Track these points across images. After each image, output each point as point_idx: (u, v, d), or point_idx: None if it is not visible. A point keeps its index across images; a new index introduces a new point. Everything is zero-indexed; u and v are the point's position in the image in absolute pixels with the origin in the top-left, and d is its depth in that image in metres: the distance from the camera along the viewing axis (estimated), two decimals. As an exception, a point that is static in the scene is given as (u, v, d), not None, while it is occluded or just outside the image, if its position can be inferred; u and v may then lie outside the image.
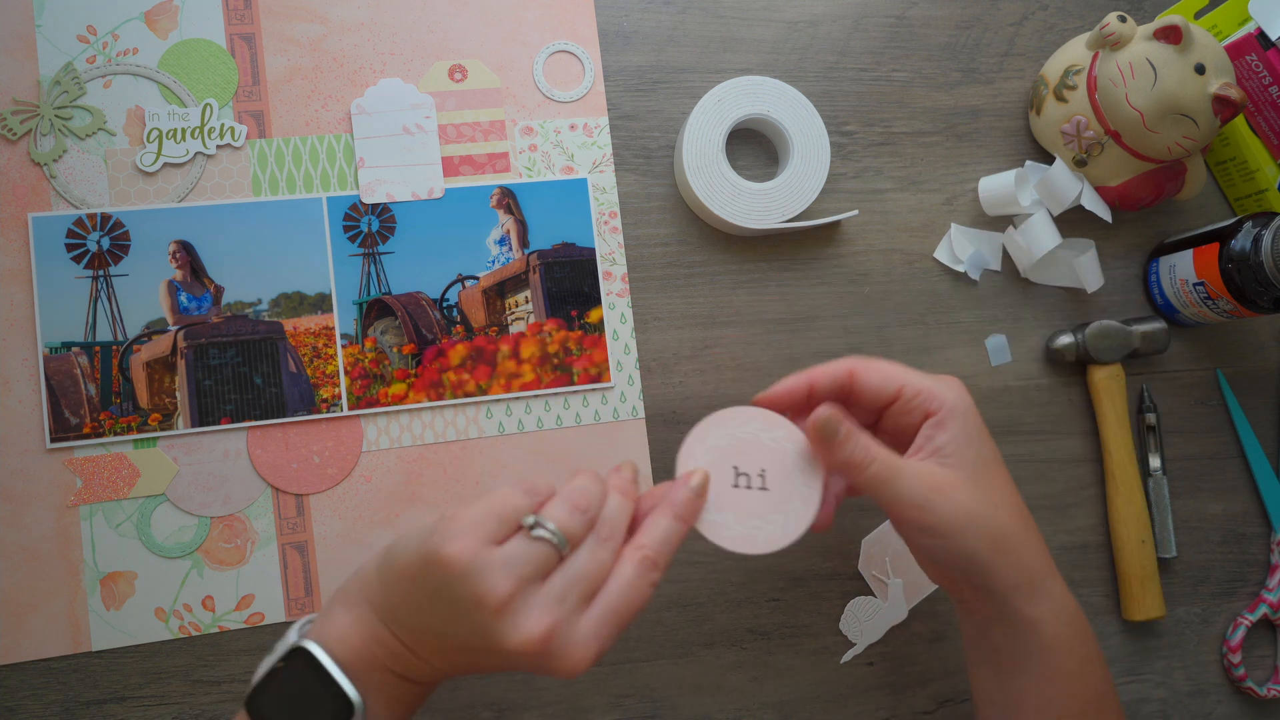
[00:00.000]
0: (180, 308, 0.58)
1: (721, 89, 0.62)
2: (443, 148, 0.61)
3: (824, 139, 0.63)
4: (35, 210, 0.57)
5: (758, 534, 0.49)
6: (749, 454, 0.50)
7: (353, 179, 0.60)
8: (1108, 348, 0.65)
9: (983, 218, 0.67)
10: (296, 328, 0.59)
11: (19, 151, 0.57)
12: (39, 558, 0.55)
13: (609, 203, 0.63)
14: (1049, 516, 0.66)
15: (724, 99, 0.62)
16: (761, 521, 0.49)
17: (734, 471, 0.50)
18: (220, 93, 0.59)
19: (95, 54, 0.58)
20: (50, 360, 0.56)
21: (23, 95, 0.57)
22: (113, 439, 0.56)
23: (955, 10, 0.68)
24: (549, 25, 0.63)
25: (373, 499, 0.59)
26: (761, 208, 0.62)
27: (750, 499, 0.49)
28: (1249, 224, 0.61)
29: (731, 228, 0.63)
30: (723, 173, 0.61)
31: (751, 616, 0.62)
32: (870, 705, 0.63)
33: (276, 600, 0.57)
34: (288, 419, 0.58)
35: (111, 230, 0.58)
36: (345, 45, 0.61)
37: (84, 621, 0.56)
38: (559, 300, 0.62)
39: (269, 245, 0.59)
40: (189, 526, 0.57)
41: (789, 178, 0.62)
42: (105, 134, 0.58)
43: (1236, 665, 0.66)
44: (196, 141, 0.59)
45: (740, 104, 0.62)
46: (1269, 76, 0.62)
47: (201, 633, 0.57)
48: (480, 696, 0.59)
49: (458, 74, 0.62)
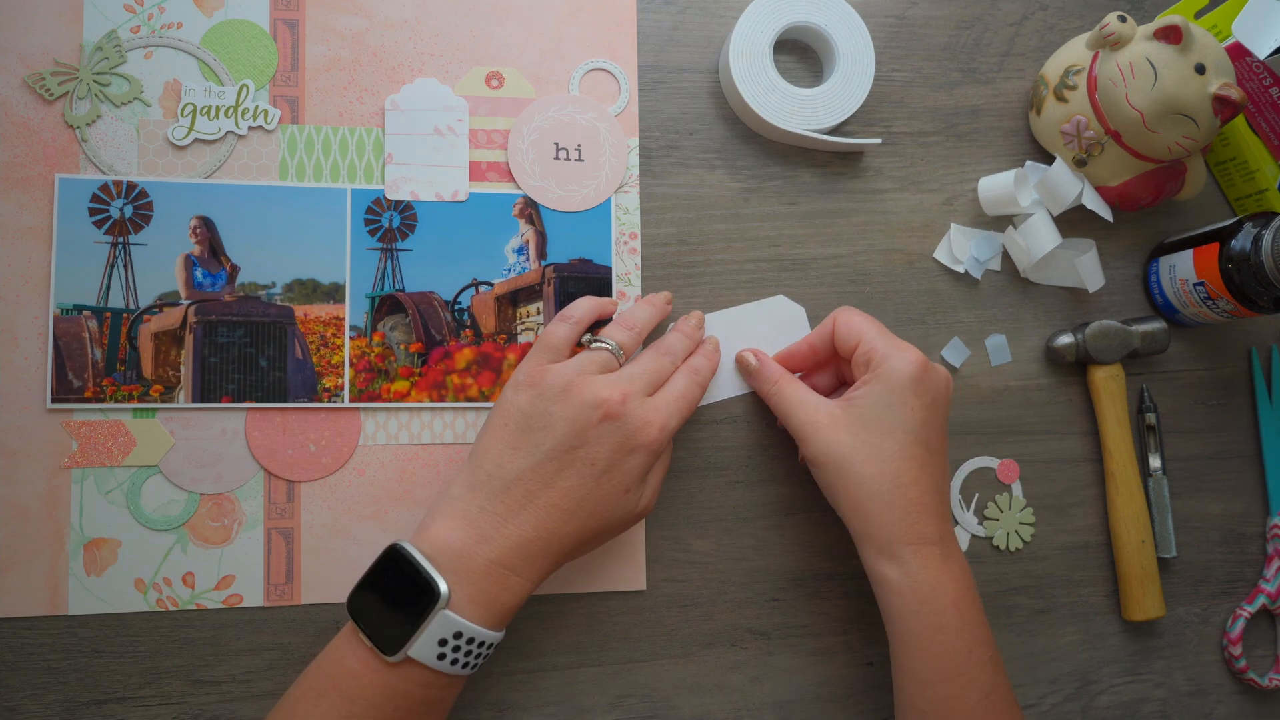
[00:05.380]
0: (195, 283, 0.58)
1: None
2: (471, 152, 0.62)
3: (870, 53, 0.64)
4: (63, 171, 0.57)
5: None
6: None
7: (379, 174, 0.60)
8: (1108, 348, 0.65)
9: (983, 218, 0.67)
10: (307, 314, 0.59)
11: (54, 112, 0.58)
12: (26, 516, 0.55)
13: (630, 223, 0.63)
14: (1049, 516, 0.66)
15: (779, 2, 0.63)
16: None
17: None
18: (258, 75, 0.60)
19: (140, 24, 0.59)
20: (60, 321, 0.57)
21: (64, 57, 0.58)
22: (113, 405, 0.57)
23: (955, 10, 0.68)
24: (590, 42, 0.63)
25: (363, 493, 0.59)
26: (804, 111, 0.63)
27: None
28: (1249, 224, 0.61)
29: (767, 128, 0.63)
30: (767, 73, 0.62)
31: (751, 616, 0.62)
32: (870, 705, 0.63)
33: (256, 584, 0.57)
34: (288, 404, 0.58)
35: (136, 199, 0.58)
36: (386, 41, 0.61)
37: (63, 585, 0.56)
38: (570, 315, 0.62)
39: (289, 230, 0.59)
40: (178, 501, 0.57)
41: (833, 85, 0.63)
42: (140, 104, 0.58)
43: (1237, 657, 0.66)
44: (229, 120, 0.59)
45: (796, 7, 0.63)
46: (1269, 77, 0.62)
47: (179, 608, 0.57)
48: (480, 696, 0.59)
49: (494, 80, 0.62)
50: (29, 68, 0.57)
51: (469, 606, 0.49)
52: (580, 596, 0.61)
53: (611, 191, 0.63)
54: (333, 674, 0.49)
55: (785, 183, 0.65)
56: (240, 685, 0.57)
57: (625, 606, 0.61)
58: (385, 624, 0.48)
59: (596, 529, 0.52)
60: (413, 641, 0.47)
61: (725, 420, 0.63)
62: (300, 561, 0.58)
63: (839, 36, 0.63)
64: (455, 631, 0.48)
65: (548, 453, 0.51)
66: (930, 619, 0.52)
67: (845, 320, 0.57)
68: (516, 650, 0.60)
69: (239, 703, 0.57)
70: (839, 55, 0.63)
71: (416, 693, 0.49)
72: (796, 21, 0.63)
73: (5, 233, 0.57)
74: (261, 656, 0.57)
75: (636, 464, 0.52)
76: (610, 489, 0.51)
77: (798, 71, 0.66)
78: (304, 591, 0.58)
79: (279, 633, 0.57)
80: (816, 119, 0.63)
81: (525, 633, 0.60)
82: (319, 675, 0.49)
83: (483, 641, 0.49)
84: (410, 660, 0.48)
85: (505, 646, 0.59)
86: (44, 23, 0.58)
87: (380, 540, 0.58)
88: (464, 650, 0.49)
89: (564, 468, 0.51)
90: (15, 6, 0.58)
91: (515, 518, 0.50)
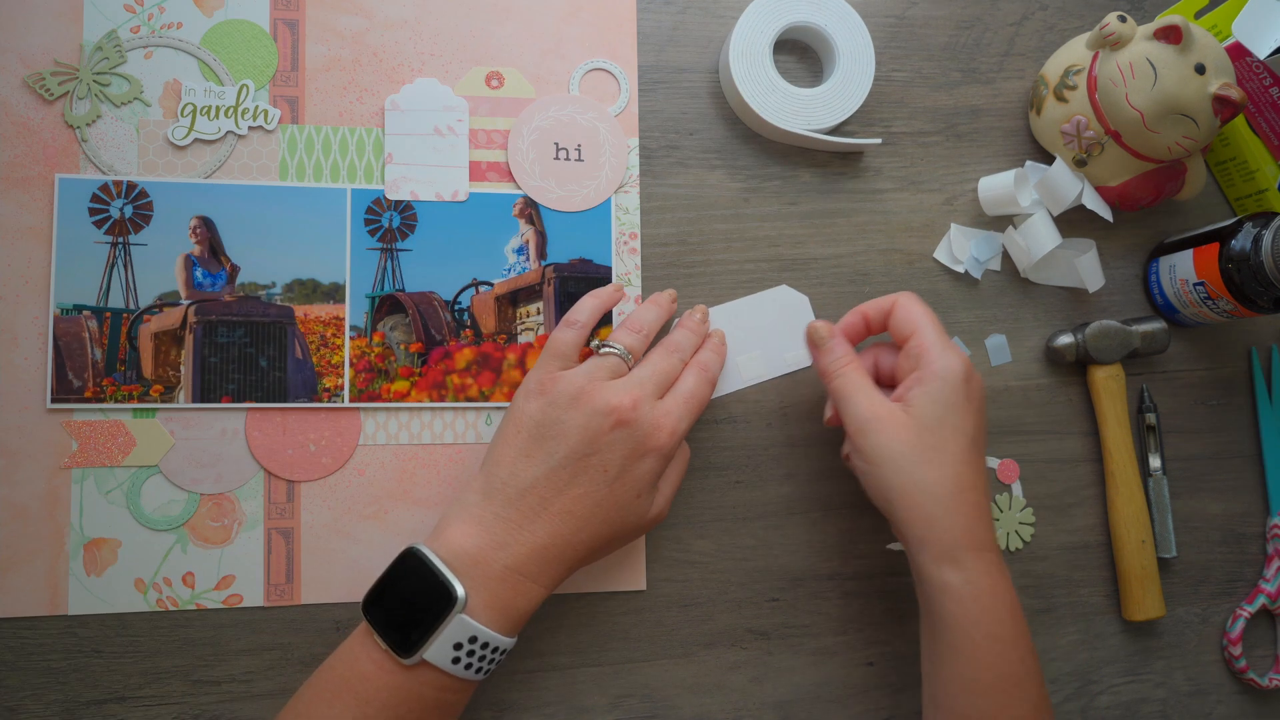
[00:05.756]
0: (195, 283, 0.58)
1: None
2: (471, 152, 0.62)
3: (870, 53, 0.64)
4: (63, 171, 0.57)
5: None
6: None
7: (379, 174, 0.60)
8: (1108, 348, 0.65)
9: (983, 218, 0.67)
10: (307, 314, 0.59)
11: (54, 112, 0.58)
12: (26, 516, 0.55)
13: (630, 223, 0.63)
14: (1049, 516, 0.66)
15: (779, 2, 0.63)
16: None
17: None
18: (258, 75, 0.60)
19: (140, 24, 0.59)
20: (60, 321, 0.57)
21: (64, 57, 0.58)
22: (113, 405, 0.57)
23: (955, 10, 0.69)
24: (590, 42, 0.63)
25: (363, 493, 0.59)
26: (804, 111, 0.63)
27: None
28: (1249, 224, 0.61)
29: (767, 128, 0.63)
30: (767, 73, 0.62)
31: (751, 616, 0.62)
32: (870, 705, 0.63)
33: (256, 584, 0.57)
34: (288, 404, 0.58)
35: (136, 199, 0.58)
36: (386, 41, 0.61)
37: (63, 584, 0.56)
38: (570, 315, 0.62)
39: (289, 230, 0.59)
40: (178, 501, 0.57)
41: (833, 85, 0.63)
42: (140, 104, 0.58)
43: (1237, 657, 0.66)
44: (229, 120, 0.59)
45: (796, 7, 0.63)
46: (1269, 77, 0.63)
47: (179, 608, 0.57)
48: (480, 696, 0.59)
49: (494, 81, 0.62)
50: (29, 68, 0.57)
51: (485, 612, 0.49)
52: (580, 596, 0.61)
53: (611, 191, 0.63)
54: (346, 676, 0.49)
55: (785, 183, 0.65)
56: (240, 685, 0.57)
57: (625, 606, 0.61)
58: (401, 627, 0.48)
59: (610, 535, 0.52)
60: (428, 644, 0.47)
61: (725, 420, 0.63)
62: (300, 561, 0.58)
63: (839, 36, 0.63)
64: (471, 636, 0.48)
65: (561, 460, 0.51)
66: (990, 628, 0.51)
67: (906, 307, 0.56)
68: (517, 650, 0.59)
69: (239, 703, 0.57)
70: (839, 55, 0.63)
71: (430, 695, 0.49)
72: (796, 21, 0.63)
73: (5, 233, 0.57)
74: (262, 656, 0.57)
75: (648, 469, 0.52)
76: (623, 495, 0.52)
77: (798, 72, 0.66)
78: (304, 591, 0.58)
79: (279, 633, 0.57)
80: (816, 119, 0.63)
81: (525, 632, 0.59)
82: (331, 677, 0.49)
83: (497, 647, 0.49)
84: (425, 664, 0.48)
85: (505, 646, 0.59)
86: (44, 23, 0.58)
87: (380, 540, 0.58)
88: (478, 655, 0.49)
89: (577, 475, 0.51)
90: (15, 6, 0.58)
91: (530, 524, 0.50)
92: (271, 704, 0.57)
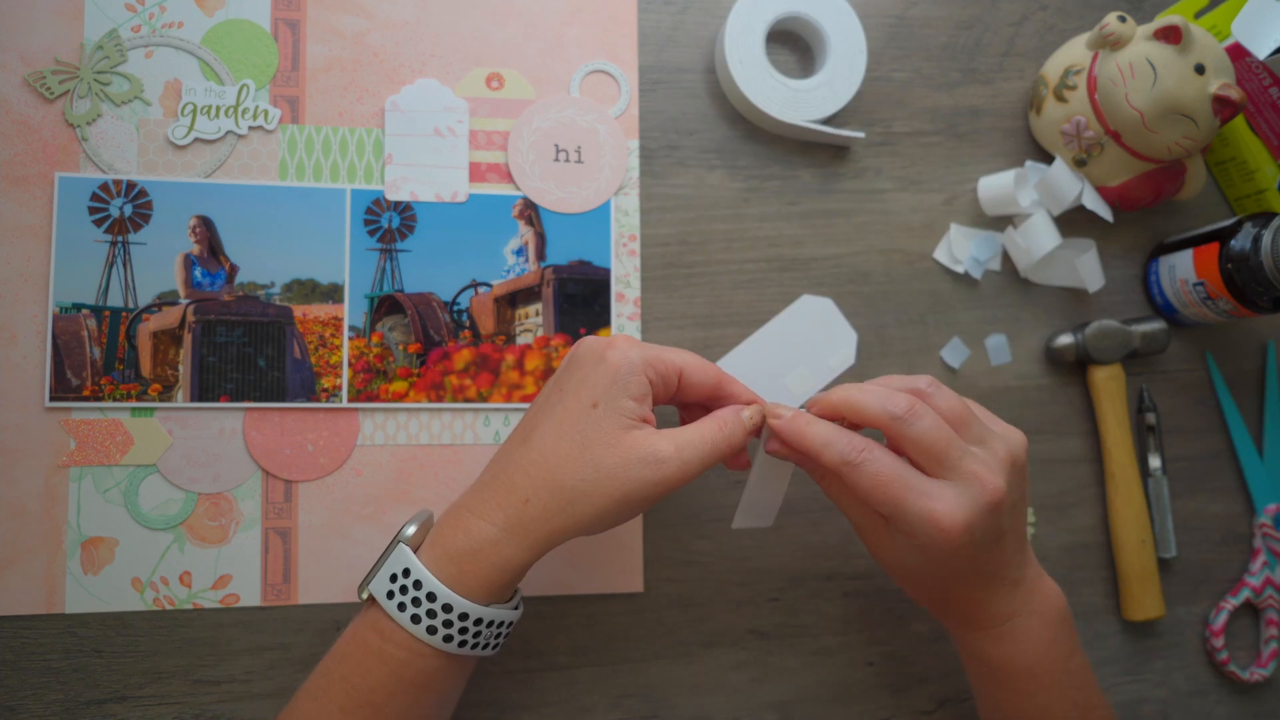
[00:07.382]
0: (194, 282, 0.58)
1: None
2: (471, 153, 0.62)
3: (861, 44, 0.64)
4: (63, 170, 0.57)
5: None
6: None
7: (379, 174, 0.60)
8: (1108, 348, 0.65)
9: (983, 218, 0.67)
10: (306, 314, 0.59)
11: (54, 111, 0.58)
12: (23, 514, 0.55)
13: (630, 225, 0.63)
14: (1049, 516, 0.66)
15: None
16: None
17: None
18: (259, 75, 0.60)
19: (141, 23, 0.59)
20: (59, 320, 0.56)
21: (65, 56, 0.58)
22: (111, 404, 0.56)
23: (955, 10, 0.69)
24: (590, 44, 0.64)
25: (361, 493, 0.59)
26: (795, 100, 0.63)
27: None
28: (1249, 224, 0.61)
29: (759, 115, 0.63)
30: (760, 61, 0.63)
31: (751, 616, 0.62)
32: (870, 705, 0.62)
33: (254, 583, 0.57)
34: (286, 404, 0.58)
35: (135, 198, 0.58)
36: (387, 42, 0.61)
37: (60, 583, 0.55)
38: (569, 316, 0.62)
39: (288, 230, 0.59)
40: (176, 500, 0.57)
41: (825, 77, 0.63)
42: (141, 103, 0.59)
43: (1219, 649, 0.66)
44: (230, 120, 0.59)
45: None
46: (1269, 77, 0.63)
47: (175, 607, 0.56)
48: (480, 696, 0.59)
49: (494, 82, 0.62)
50: (29, 66, 0.58)
51: (426, 551, 0.48)
52: (580, 597, 0.60)
53: (611, 193, 0.63)
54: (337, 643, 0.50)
55: (785, 183, 0.65)
56: (240, 685, 0.57)
57: (625, 607, 0.61)
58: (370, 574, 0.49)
59: (578, 457, 0.47)
60: (373, 574, 0.48)
61: (724, 421, 0.63)
62: (297, 561, 0.58)
63: (830, 28, 0.64)
64: (404, 569, 0.47)
65: (549, 388, 0.50)
66: (1052, 676, 0.51)
67: (932, 425, 0.48)
68: (516, 650, 0.59)
69: (239, 703, 0.56)
70: (830, 47, 0.64)
71: (393, 654, 0.46)
72: (789, 11, 0.63)
73: (5, 231, 0.56)
74: (262, 656, 0.57)
75: (602, 378, 0.48)
76: (575, 406, 0.48)
77: (791, 64, 0.66)
78: (301, 591, 0.57)
79: (279, 632, 0.57)
80: (809, 109, 0.63)
81: (525, 632, 0.59)
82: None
83: (432, 594, 0.46)
84: (373, 602, 0.48)
85: (505, 646, 0.59)
86: (45, 21, 0.58)
87: (377, 541, 0.58)
88: (412, 597, 0.46)
89: (556, 394, 0.49)
90: (16, 5, 0.58)
91: (495, 461, 0.50)
92: (271, 704, 0.57)
